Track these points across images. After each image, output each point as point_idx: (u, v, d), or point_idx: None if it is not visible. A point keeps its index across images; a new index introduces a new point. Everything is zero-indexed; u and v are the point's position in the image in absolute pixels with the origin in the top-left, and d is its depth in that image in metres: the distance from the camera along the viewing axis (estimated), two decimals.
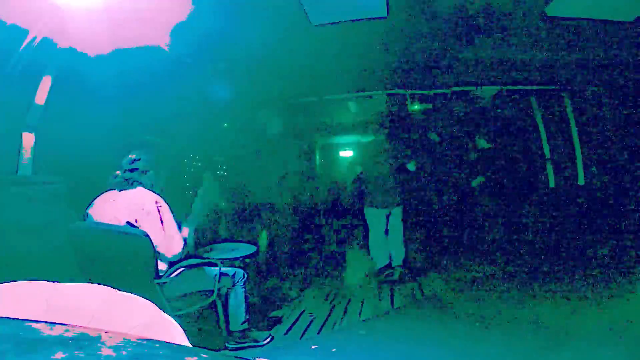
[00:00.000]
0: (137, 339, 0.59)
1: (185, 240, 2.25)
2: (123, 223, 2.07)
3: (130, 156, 2.21)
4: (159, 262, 2.13)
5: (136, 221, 2.06)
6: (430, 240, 5.23)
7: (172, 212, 2.16)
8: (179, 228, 2.23)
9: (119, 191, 2.14)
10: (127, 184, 2.14)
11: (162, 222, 2.09)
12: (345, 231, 6.20)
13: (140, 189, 2.15)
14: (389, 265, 4.00)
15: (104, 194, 2.19)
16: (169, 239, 2.11)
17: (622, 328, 2.41)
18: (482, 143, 4.89)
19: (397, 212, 4.02)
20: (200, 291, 2.28)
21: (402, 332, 2.75)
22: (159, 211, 2.09)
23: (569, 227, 4.79)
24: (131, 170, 2.17)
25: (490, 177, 4.78)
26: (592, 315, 2.69)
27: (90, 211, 2.17)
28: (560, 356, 2.19)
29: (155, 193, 2.16)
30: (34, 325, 0.60)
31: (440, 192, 5.40)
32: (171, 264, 2.22)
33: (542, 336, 2.43)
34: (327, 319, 3.07)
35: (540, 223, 4.94)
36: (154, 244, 2.02)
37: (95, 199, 2.20)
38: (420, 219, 5.25)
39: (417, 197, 4.90)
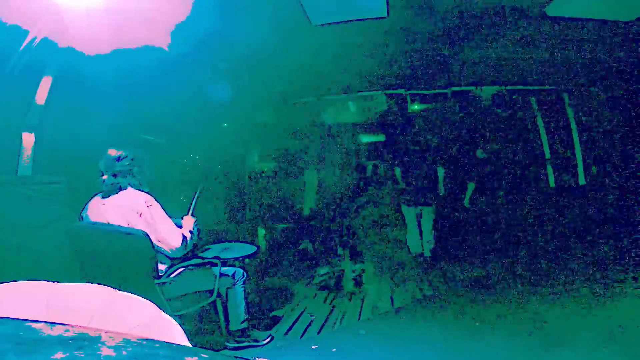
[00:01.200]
0: (137, 339, 0.59)
1: (191, 232, 2.23)
2: None
3: (109, 153, 2.10)
4: (158, 263, 2.12)
5: (128, 224, 2.03)
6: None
7: (164, 209, 2.13)
8: (179, 225, 2.22)
9: (107, 197, 2.09)
10: (113, 189, 2.07)
11: (155, 220, 2.06)
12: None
13: (129, 189, 2.09)
14: (422, 254, 4.63)
15: (95, 198, 2.15)
16: (166, 236, 2.08)
17: (621, 328, 2.41)
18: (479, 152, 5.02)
19: (428, 211, 4.62)
20: (200, 291, 2.28)
21: (402, 332, 2.75)
22: (149, 211, 2.06)
23: (569, 227, 4.79)
24: (114, 175, 2.08)
25: (490, 178, 4.81)
26: (592, 315, 2.69)
27: (84, 214, 2.16)
28: (560, 356, 2.19)
29: (144, 192, 2.12)
30: (34, 325, 0.60)
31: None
32: (172, 264, 2.22)
33: (542, 336, 2.43)
34: (327, 319, 3.07)
35: (541, 223, 4.93)
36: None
37: (87, 202, 2.16)
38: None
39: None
